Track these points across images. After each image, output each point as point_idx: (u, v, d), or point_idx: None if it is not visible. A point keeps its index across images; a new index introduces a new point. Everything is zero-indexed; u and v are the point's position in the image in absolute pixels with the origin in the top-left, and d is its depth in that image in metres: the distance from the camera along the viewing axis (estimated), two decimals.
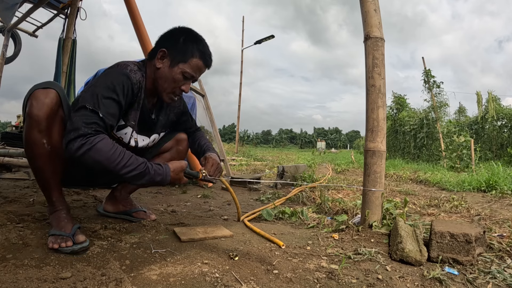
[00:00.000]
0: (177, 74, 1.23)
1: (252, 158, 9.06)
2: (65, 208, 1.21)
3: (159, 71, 1.24)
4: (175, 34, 1.26)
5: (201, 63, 1.25)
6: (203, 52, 1.25)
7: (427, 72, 8.48)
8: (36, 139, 1.06)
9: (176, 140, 1.54)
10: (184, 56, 1.22)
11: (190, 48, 1.23)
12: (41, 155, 1.09)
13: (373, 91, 1.54)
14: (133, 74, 1.17)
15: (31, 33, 4.78)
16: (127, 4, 2.92)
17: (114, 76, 1.12)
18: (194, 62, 1.23)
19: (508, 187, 3.06)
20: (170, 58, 1.23)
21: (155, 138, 1.42)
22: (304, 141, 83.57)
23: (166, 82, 1.24)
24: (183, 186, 2.87)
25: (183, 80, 1.24)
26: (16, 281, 0.84)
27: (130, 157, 1.06)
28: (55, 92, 1.08)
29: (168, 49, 1.22)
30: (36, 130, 1.05)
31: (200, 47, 1.25)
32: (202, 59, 1.25)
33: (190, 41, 1.24)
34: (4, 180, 2.58)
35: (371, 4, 1.57)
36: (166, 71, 1.23)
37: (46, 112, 1.05)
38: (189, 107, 3.68)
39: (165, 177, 1.12)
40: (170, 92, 1.26)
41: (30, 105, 1.05)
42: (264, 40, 12.83)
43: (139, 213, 1.55)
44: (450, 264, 1.11)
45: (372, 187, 1.50)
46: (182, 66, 1.22)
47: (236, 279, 0.95)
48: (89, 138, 0.99)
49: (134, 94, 1.19)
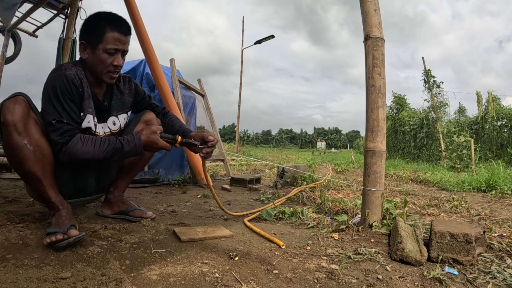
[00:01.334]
0: (101, 54, 1.28)
1: (252, 158, 9.06)
2: (65, 208, 1.22)
3: (87, 61, 1.32)
4: (85, 24, 1.33)
5: (116, 34, 1.29)
6: (112, 24, 1.29)
7: (427, 72, 8.48)
8: (17, 141, 1.12)
9: (144, 121, 1.53)
10: (98, 36, 1.28)
11: (99, 27, 1.28)
12: (27, 156, 1.14)
13: (373, 91, 1.54)
14: (68, 71, 1.24)
15: (31, 33, 4.77)
16: (127, 4, 2.92)
17: (54, 81, 1.21)
18: (109, 36, 1.28)
19: (508, 187, 3.06)
20: (89, 46, 1.30)
21: (113, 120, 1.45)
22: (304, 141, 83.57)
23: (97, 66, 1.30)
24: (183, 186, 2.87)
25: (110, 57, 1.30)
26: (16, 281, 0.84)
27: (101, 141, 1.22)
28: (22, 97, 1.16)
29: (85, 39, 1.30)
30: (15, 133, 1.12)
31: (107, 21, 1.29)
32: (115, 29, 1.29)
33: (98, 21, 1.30)
34: (4, 180, 2.58)
35: (371, 4, 1.57)
36: (92, 58, 1.30)
37: (20, 115, 1.13)
38: (189, 107, 3.69)
39: (138, 142, 1.25)
40: (106, 72, 1.32)
41: (3, 114, 1.12)
42: (264, 40, 12.83)
43: (136, 212, 1.55)
44: (450, 264, 1.11)
45: (372, 187, 1.50)
46: (101, 46, 1.28)
47: (236, 279, 0.95)
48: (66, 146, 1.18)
49: (77, 86, 1.25)
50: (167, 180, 3.00)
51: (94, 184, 1.50)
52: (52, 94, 1.19)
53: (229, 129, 78.29)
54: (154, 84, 3.10)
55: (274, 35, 12.70)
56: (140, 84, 3.28)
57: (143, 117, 1.54)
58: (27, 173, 1.17)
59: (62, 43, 3.92)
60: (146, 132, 1.28)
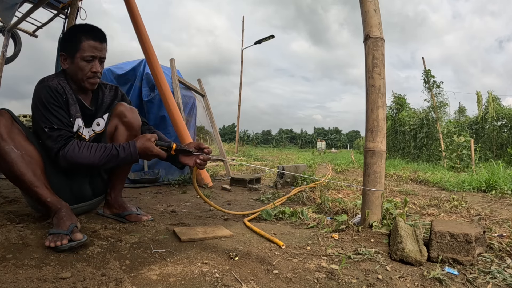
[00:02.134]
0: (79, 62, 1.34)
1: (252, 158, 9.06)
2: (64, 207, 1.22)
3: (68, 71, 1.37)
4: (63, 37, 1.41)
5: (91, 42, 1.34)
6: (87, 33, 1.35)
7: (427, 72, 8.48)
8: (3, 146, 1.16)
9: (117, 115, 1.48)
10: (75, 46, 1.33)
11: (76, 38, 1.34)
12: (15, 160, 1.17)
13: (373, 91, 1.54)
14: (50, 81, 1.31)
15: (31, 33, 4.77)
16: (127, 4, 2.92)
17: (39, 92, 1.28)
18: (85, 45, 1.33)
19: (508, 187, 3.06)
20: (69, 56, 1.35)
21: (98, 122, 1.48)
22: (304, 141, 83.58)
23: (77, 74, 1.35)
24: (183, 186, 2.87)
25: (88, 64, 1.35)
26: (16, 281, 0.84)
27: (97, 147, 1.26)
28: (4, 111, 1.21)
29: (64, 50, 1.36)
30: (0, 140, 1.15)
31: (82, 31, 1.35)
32: (91, 37, 1.34)
33: (73, 32, 1.36)
34: (4, 180, 2.58)
35: (371, 4, 1.57)
36: (72, 67, 1.36)
37: (4, 125, 1.17)
38: (189, 107, 3.69)
39: (133, 149, 1.29)
40: (86, 78, 1.37)
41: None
42: (264, 40, 12.84)
43: (131, 216, 1.54)
44: (450, 264, 1.11)
45: (372, 187, 1.50)
46: (79, 55, 1.33)
47: (236, 279, 0.95)
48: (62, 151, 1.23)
49: (61, 94, 1.31)
50: (167, 180, 3.00)
51: (89, 189, 1.52)
52: (40, 105, 1.26)
53: (229, 129, 78.29)
54: (154, 84, 3.10)
55: (274, 35, 12.72)
56: (140, 84, 3.28)
57: (114, 111, 1.49)
58: (18, 176, 1.18)
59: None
60: (141, 139, 1.33)
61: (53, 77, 1.35)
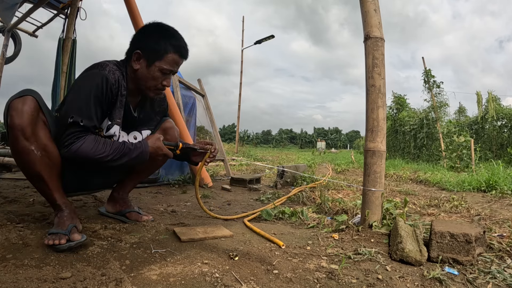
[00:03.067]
0: (155, 72, 1.25)
1: (252, 158, 9.06)
2: (68, 208, 1.21)
3: (137, 72, 1.27)
4: (147, 33, 1.27)
5: (176, 57, 1.28)
6: (177, 46, 1.27)
7: (427, 72, 8.48)
8: (24, 147, 1.07)
9: (163, 129, 1.50)
10: (158, 53, 1.24)
11: (163, 45, 1.24)
12: (34, 161, 1.10)
13: (373, 91, 1.54)
14: (112, 74, 1.18)
15: (31, 33, 4.78)
16: (127, 4, 2.92)
17: (92, 79, 1.15)
18: (169, 58, 1.26)
19: (508, 187, 3.06)
20: (146, 58, 1.25)
21: (135, 135, 1.40)
22: (304, 141, 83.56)
23: (147, 81, 1.27)
24: (183, 186, 2.87)
25: (162, 76, 1.27)
26: (16, 281, 0.84)
27: (111, 144, 1.18)
28: (31, 98, 1.08)
29: (142, 49, 1.24)
30: (22, 138, 1.06)
31: (172, 41, 1.26)
32: (177, 53, 1.28)
33: (162, 37, 1.25)
34: (4, 180, 2.58)
35: (371, 4, 1.57)
36: (144, 71, 1.26)
37: (28, 119, 1.06)
38: (189, 107, 3.68)
39: (145, 149, 1.25)
40: (154, 89, 1.30)
41: (10, 116, 1.05)
42: (264, 40, 12.84)
43: (132, 214, 1.54)
44: (450, 264, 1.11)
45: (372, 187, 1.50)
46: (159, 64, 1.25)
47: (236, 279, 0.95)
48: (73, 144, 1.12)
49: (114, 93, 1.21)
50: (167, 180, 3.00)
51: (100, 182, 1.49)
52: (83, 91, 1.13)
53: (229, 129, 78.28)
54: None
55: (274, 35, 12.72)
56: None
57: (162, 125, 1.51)
58: (33, 176, 1.14)
59: (62, 43, 3.93)
60: (151, 139, 1.29)
61: (116, 69, 1.22)
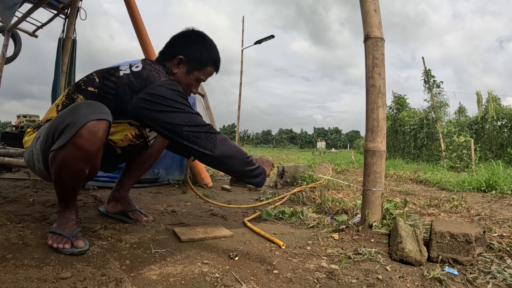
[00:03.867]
0: (192, 80, 1.33)
1: None
2: (75, 210, 1.20)
3: (175, 75, 1.31)
4: (192, 41, 1.32)
5: (213, 69, 1.37)
6: (216, 61, 1.36)
7: (427, 72, 8.48)
8: (80, 169, 1.03)
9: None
10: (200, 64, 1.31)
11: (206, 57, 1.31)
12: (77, 178, 1.07)
13: (373, 91, 1.54)
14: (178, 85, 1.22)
15: (31, 33, 4.78)
16: (127, 4, 2.92)
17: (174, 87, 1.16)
18: (208, 70, 1.35)
19: (508, 187, 3.06)
20: (187, 66, 1.30)
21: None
22: (304, 141, 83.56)
23: (181, 86, 1.27)
24: (183, 186, 2.87)
25: (195, 84, 1.35)
26: (16, 281, 0.84)
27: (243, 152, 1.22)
28: (107, 123, 1.02)
29: (185, 56, 1.29)
30: (83, 161, 1.01)
31: (213, 55, 1.34)
32: (215, 67, 1.37)
33: (205, 49, 1.32)
34: (4, 180, 2.58)
35: (371, 4, 1.57)
36: (182, 77, 1.31)
37: (98, 147, 1.01)
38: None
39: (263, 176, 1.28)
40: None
41: (81, 136, 0.96)
42: (264, 40, 12.83)
43: (134, 213, 1.54)
44: (450, 264, 1.11)
45: (372, 187, 1.50)
46: (197, 74, 1.32)
47: (236, 279, 0.95)
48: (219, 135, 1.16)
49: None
50: (167, 180, 3.00)
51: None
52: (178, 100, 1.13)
53: (229, 129, 78.28)
54: None
55: (274, 35, 12.72)
56: None
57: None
58: (64, 184, 1.10)
59: (62, 43, 3.93)
60: (267, 166, 1.35)
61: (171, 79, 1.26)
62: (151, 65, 1.24)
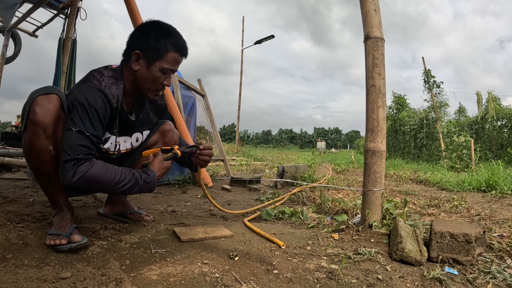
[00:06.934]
0: (156, 72, 1.21)
1: (252, 158, 9.06)
2: (69, 210, 1.21)
3: (137, 73, 1.22)
4: (145, 32, 1.23)
5: (177, 55, 1.24)
6: (176, 45, 1.23)
7: (427, 72, 8.49)
8: (43, 146, 1.06)
9: (161, 132, 1.47)
10: (158, 53, 1.20)
11: (163, 44, 1.20)
12: (48, 161, 1.09)
13: (373, 91, 1.54)
14: (108, 90, 1.14)
15: (31, 33, 4.78)
16: (127, 4, 2.92)
17: (90, 94, 1.09)
18: (170, 57, 1.22)
19: (508, 187, 3.06)
20: (145, 58, 1.21)
21: (137, 137, 1.38)
22: (304, 141, 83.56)
23: (147, 82, 1.23)
24: (183, 186, 2.87)
25: (163, 76, 1.23)
26: (16, 281, 0.84)
27: (121, 172, 1.12)
28: (57, 96, 1.08)
29: (141, 49, 1.20)
30: (43, 137, 1.05)
31: (172, 39, 1.23)
32: (178, 51, 1.24)
33: (161, 36, 1.21)
34: (4, 180, 2.58)
35: (371, 4, 1.57)
36: (144, 71, 1.22)
37: (52, 118, 1.06)
38: (189, 107, 3.68)
39: (153, 182, 1.20)
40: (153, 89, 1.26)
41: (34, 111, 1.04)
42: (264, 40, 12.84)
43: (134, 215, 1.54)
44: (450, 264, 1.11)
45: (372, 187, 1.50)
46: (159, 64, 1.21)
47: (236, 279, 0.95)
48: (80, 166, 1.03)
49: (112, 108, 1.16)
50: (167, 180, 3.00)
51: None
52: (80, 107, 1.07)
53: (229, 129, 78.29)
54: None
55: (274, 35, 12.72)
56: None
57: (161, 128, 1.48)
58: (43, 174, 1.13)
59: (62, 43, 3.92)
60: (156, 165, 1.24)
61: (111, 82, 1.17)
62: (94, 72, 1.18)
